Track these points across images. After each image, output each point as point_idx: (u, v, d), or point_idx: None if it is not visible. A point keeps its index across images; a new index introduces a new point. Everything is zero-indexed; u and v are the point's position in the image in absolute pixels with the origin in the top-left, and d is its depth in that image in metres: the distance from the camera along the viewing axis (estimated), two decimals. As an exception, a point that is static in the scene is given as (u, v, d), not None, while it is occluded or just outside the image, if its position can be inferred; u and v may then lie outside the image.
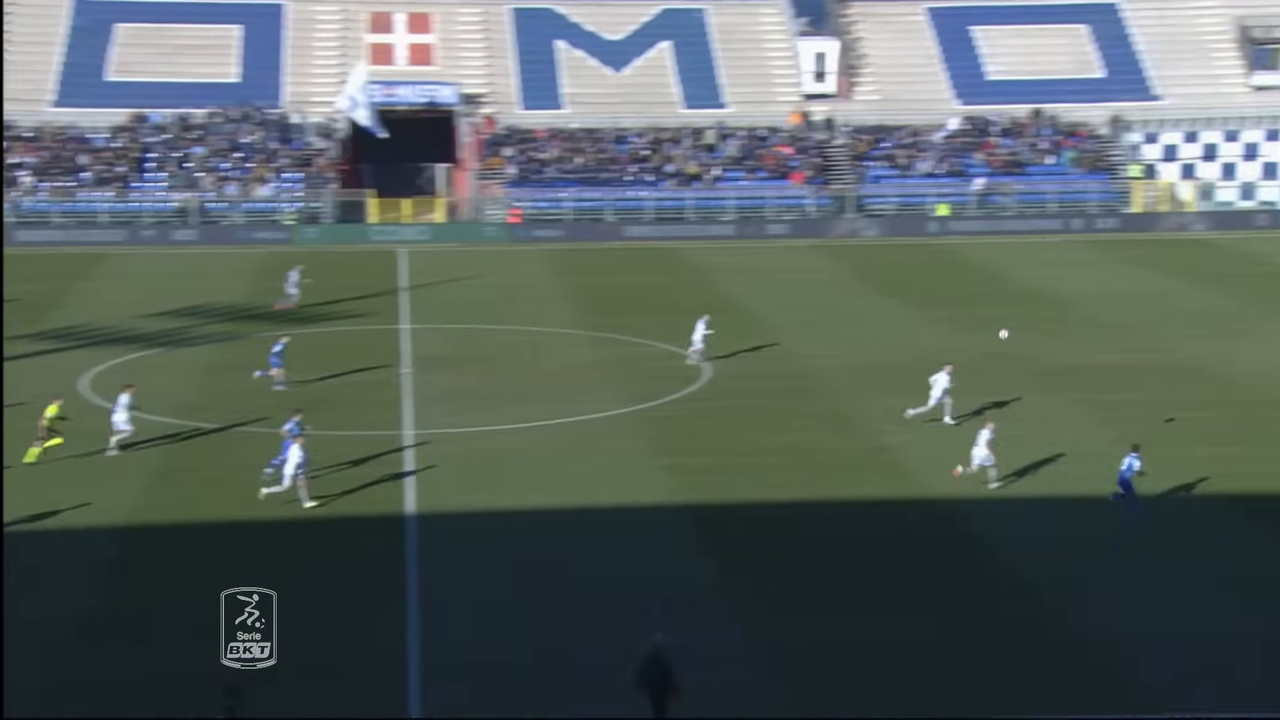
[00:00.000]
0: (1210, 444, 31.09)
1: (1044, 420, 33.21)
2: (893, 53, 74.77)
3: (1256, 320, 44.25)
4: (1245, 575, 24.11)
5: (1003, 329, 31.10)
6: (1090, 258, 57.83)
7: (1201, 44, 74.34)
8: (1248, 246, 59.50)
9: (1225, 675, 20.36)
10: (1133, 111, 71.01)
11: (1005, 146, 69.19)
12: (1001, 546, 25.47)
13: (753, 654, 21.32)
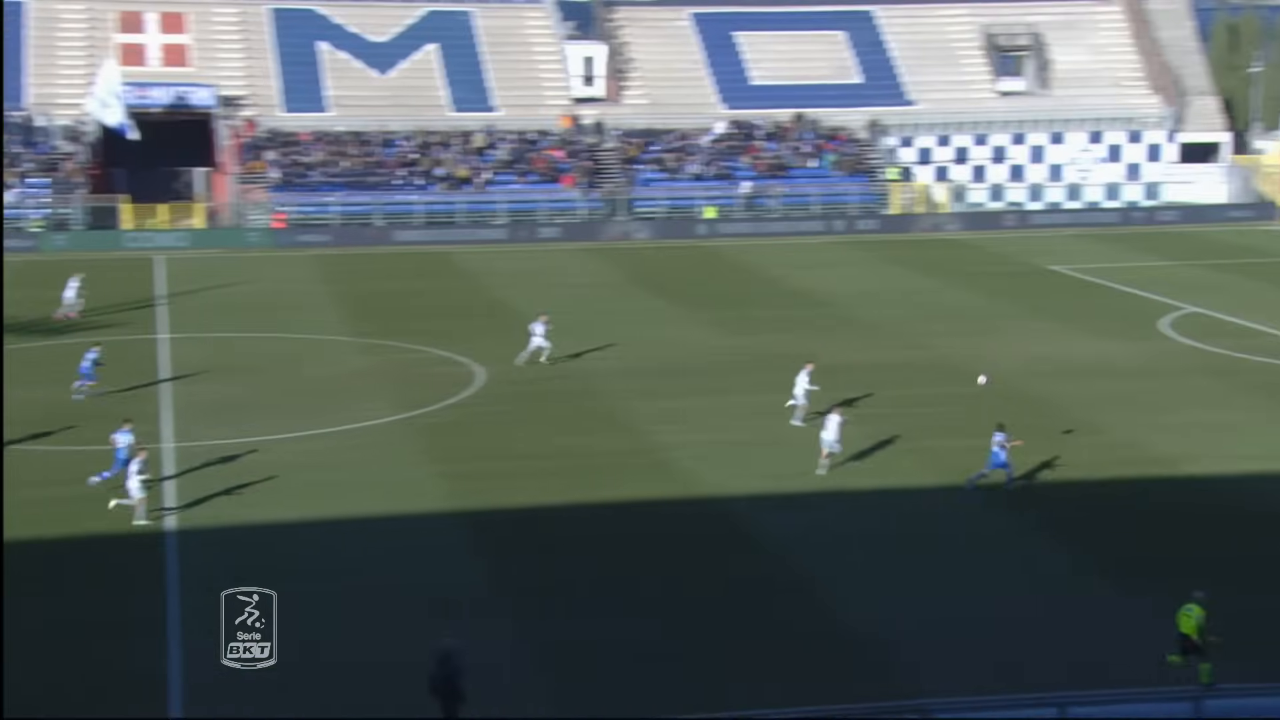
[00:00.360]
0: (968, 436, 32.33)
1: (810, 417, 34.05)
2: (660, 57, 75.81)
3: (1006, 317, 46.37)
4: (1005, 565, 25.18)
5: (981, 375, 31.99)
6: (851, 258, 59.71)
7: (951, 51, 77.63)
8: (997, 246, 62.37)
9: (989, 665, 21.19)
10: (889, 116, 73.65)
11: (770, 150, 70.89)
12: (772, 542, 26.02)
13: (526, 655, 21.26)
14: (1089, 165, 72.45)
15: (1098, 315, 46.20)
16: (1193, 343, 41.50)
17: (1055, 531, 26.39)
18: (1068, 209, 70.74)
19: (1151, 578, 24.05)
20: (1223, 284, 51.30)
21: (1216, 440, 31.53)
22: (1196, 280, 52.21)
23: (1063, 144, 72.82)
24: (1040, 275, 54.77)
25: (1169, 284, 51.15)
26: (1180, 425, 32.72)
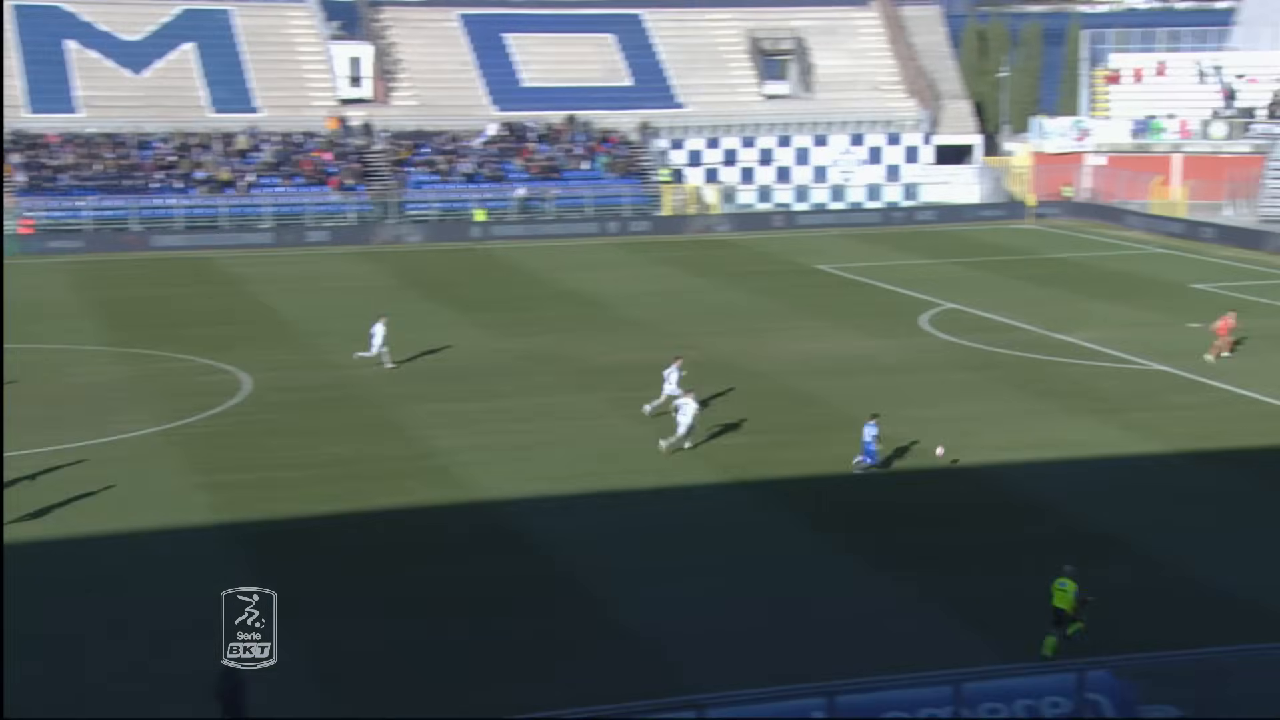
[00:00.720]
0: (743, 434, 33.04)
1: (588, 418, 34.27)
2: (428, 58, 75.12)
3: (776, 315, 47.49)
4: (780, 559, 25.75)
5: (939, 448, 32.16)
6: (625, 259, 60.28)
7: (718, 55, 79.12)
8: (766, 246, 63.84)
9: (763, 659, 21.63)
10: (659, 118, 74.64)
11: (542, 152, 70.99)
12: (550, 544, 26.04)
13: (299, 663, 20.78)
14: (851, 167, 74.85)
15: (862, 313, 47.72)
16: (950, 338, 43.24)
17: (826, 525, 27.10)
18: (832, 209, 72.90)
19: (919, 566, 24.93)
20: (977, 281, 53.62)
21: (974, 432, 32.89)
22: (953, 277, 54.44)
23: (826, 146, 75.01)
24: (807, 274, 56.28)
25: (928, 281, 53.20)
26: (940, 418, 34.00)
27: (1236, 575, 24.15)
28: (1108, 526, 26.62)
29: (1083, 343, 42.03)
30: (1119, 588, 23.66)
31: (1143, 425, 33.18)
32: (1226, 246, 60.86)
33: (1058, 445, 31.72)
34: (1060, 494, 28.66)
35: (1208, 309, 47.20)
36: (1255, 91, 74.89)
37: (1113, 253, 60.77)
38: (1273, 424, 33.22)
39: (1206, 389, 36.44)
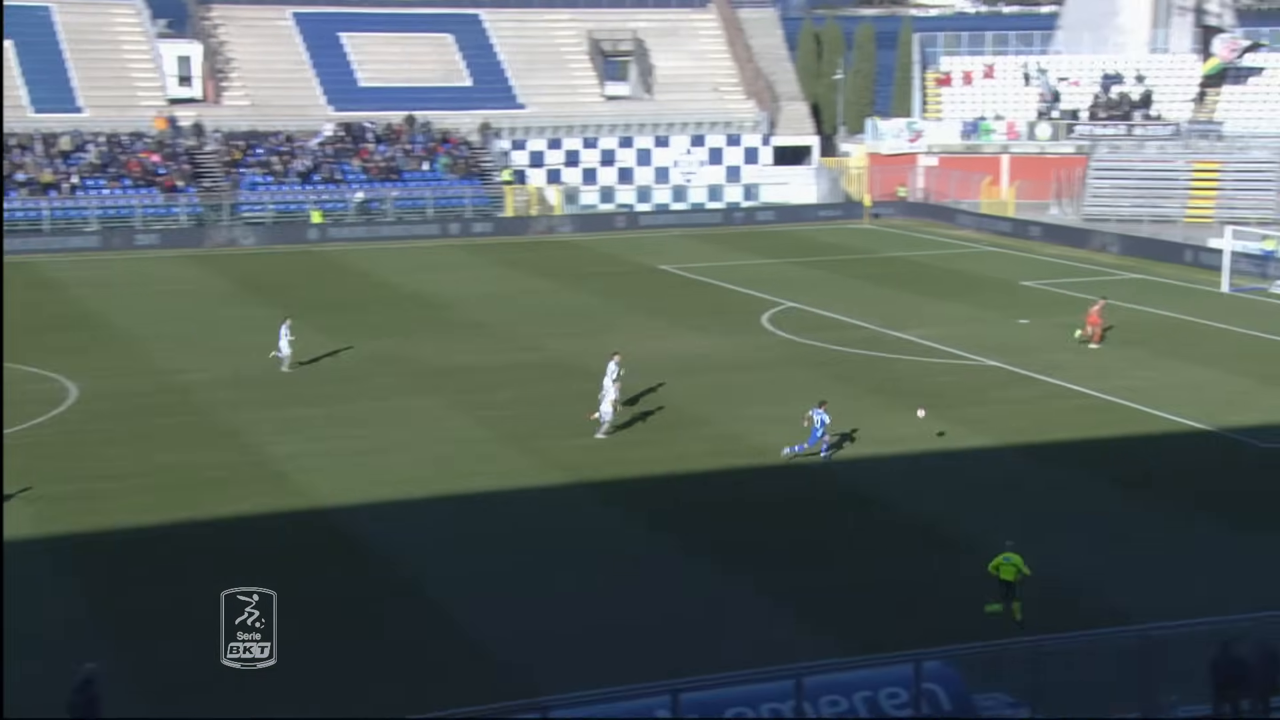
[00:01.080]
0: (583, 434, 32.99)
1: (428, 421, 33.89)
2: (261, 57, 73.56)
3: (619, 316, 47.60)
4: (620, 559, 25.75)
5: (920, 409, 32.32)
6: (467, 261, 59.83)
7: (559, 55, 79.05)
8: (609, 247, 63.97)
9: (604, 658, 21.60)
10: (500, 119, 74.24)
11: (381, 153, 70.06)
12: (389, 549, 25.65)
13: (131, 683, 20.11)
14: (692, 168, 75.43)
15: (704, 312, 48.10)
16: (791, 336, 43.83)
17: (667, 523, 27.20)
18: (675, 210, 73.36)
19: (759, 562, 25.17)
20: (816, 280, 54.48)
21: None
22: (793, 277, 55.22)
23: (667, 147, 75.44)
24: (650, 275, 56.55)
25: (769, 281, 53.86)
26: (779, 416, 34.41)
27: (1063, 565, 24.89)
28: (941, 518, 27.22)
29: (918, 339, 42.97)
30: (952, 577, 24.22)
31: (974, 419, 34.03)
32: (1053, 244, 62.85)
33: (893, 440, 32.34)
34: (896, 488, 29.23)
35: (1037, 306, 48.66)
36: (1077, 94, 77.52)
37: (946, 251, 62.32)
38: (1098, 416, 34.36)
39: (1036, 383, 37.54)
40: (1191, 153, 70.40)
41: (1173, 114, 75.22)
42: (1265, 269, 52.38)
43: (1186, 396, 35.78)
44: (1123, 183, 69.76)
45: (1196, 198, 67.91)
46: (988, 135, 76.23)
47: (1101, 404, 35.46)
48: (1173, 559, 25.18)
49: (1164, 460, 31.12)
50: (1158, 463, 30.91)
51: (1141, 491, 28.74)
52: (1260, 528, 26.56)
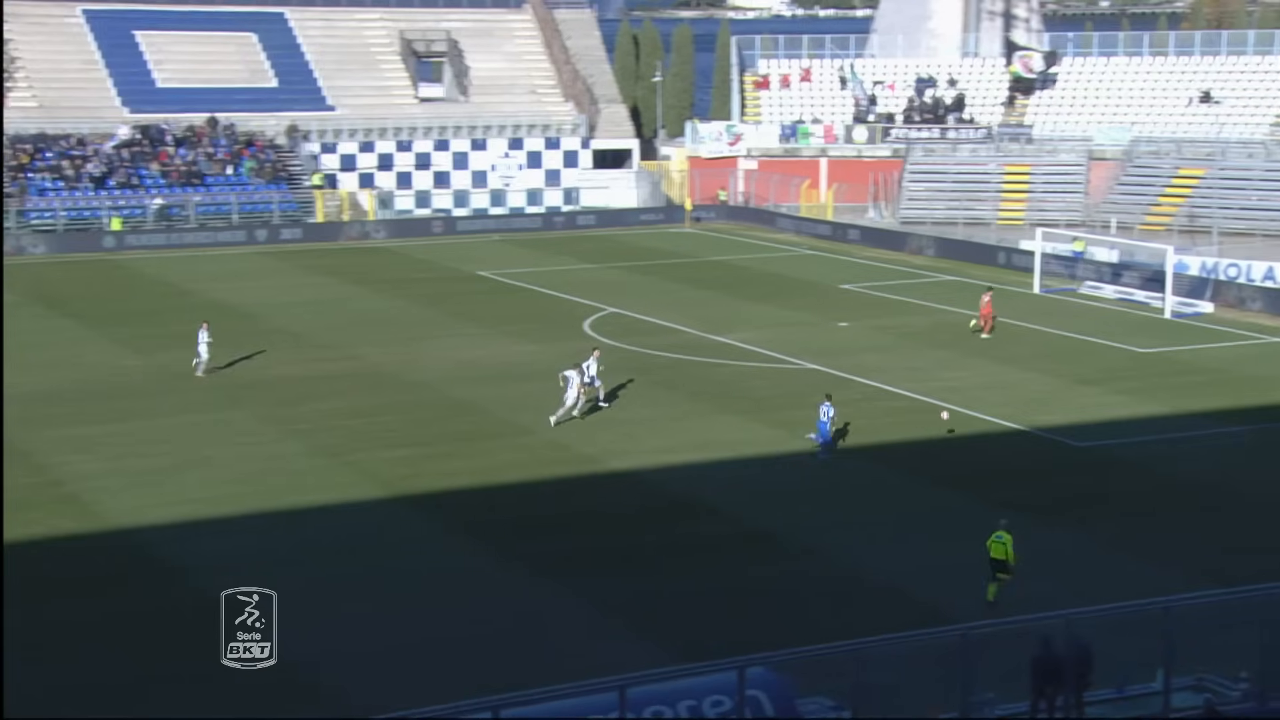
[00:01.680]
0: (400, 446, 32.64)
1: (236, 436, 33.12)
2: (48, 57, 71.04)
3: (436, 323, 47.22)
4: (437, 573, 25.52)
5: (944, 412, 33.35)
6: (276, 268, 58.68)
7: (370, 56, 78.10)
8: (425, 253, 63.42)
9: (427, 676, 21.38)
10: (309, 121, 73.01)
11: (181, 157, 68.25)
12: (196, 571, 24.95)
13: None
14: (510, 172, 75.26)
15: (524, 319, 48.02)
16: (612, 342, 44.02)
17: (487, 534, 27.06)
18: (493, 215, 73.09)
19: (582, 572, 25.20)
20: (638, 284, 54.87)
21: (635, 435, 33.59)
22: (614, 281, 55.51)
23: (485, 150, 75.15)
24: (468, 281, 56.24)
25: (590, 286, 54.04)
26: (604, 422, 34.56)
27: (883, 565, 25.52)
28: (762, 523, 27.66)
29: (739, 344, 43.60)
30: (773, 583, 24.63)
31: (794, 424, 34.65)
32: (870, 247, 64.45)
33: (714, 446, 32.74)
34: (717, 494, 29.58)
35: (856, 309, 49.81)
36: (893, 97, 79.67)
37: (766, 255, 63.39)
38: (915, 417, 35.32)
39: (854, 386, 38.43)
40: (1003, 156, 72.97)
41: (985, 117, 77.85)
42: (1074, 270, 54.55)
43: (1000, 397, 37.03)
44: (937, 185, 71.93)
45: (1008, 200, 70.40)
46: (806, 138, 77.81)
47: (918, 405, 36.46)
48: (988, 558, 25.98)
49: (979, 460, 32.13)
50: (973, 463, 31.89)
51: (957, 491, 29.62)
52: (1072, 525, 27.62)
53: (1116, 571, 24.84)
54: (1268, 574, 22.88)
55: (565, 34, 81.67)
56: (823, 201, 74.15)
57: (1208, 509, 28.62)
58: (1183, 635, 18.00)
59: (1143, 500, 29.28)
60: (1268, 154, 68.31)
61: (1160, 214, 66.08)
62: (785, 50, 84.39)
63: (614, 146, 78.05)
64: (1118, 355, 42.45)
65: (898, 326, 46.01)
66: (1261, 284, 51.01)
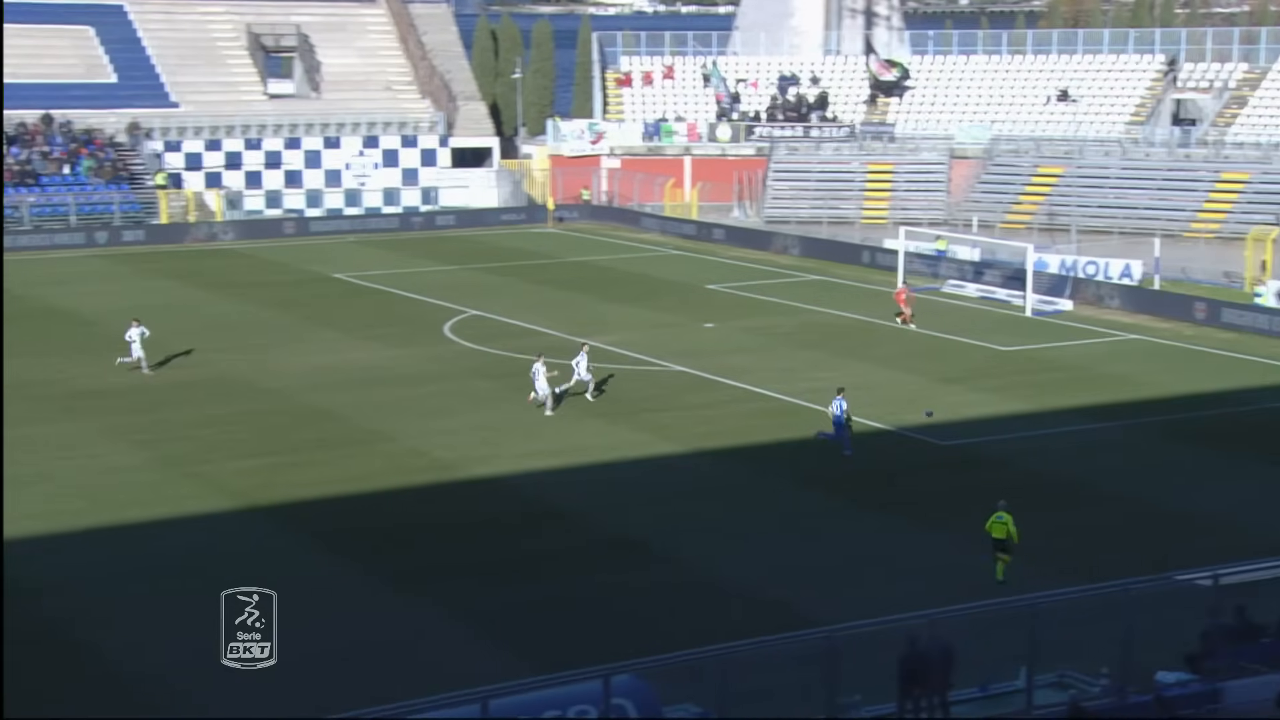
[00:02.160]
0: (252, 456, 32.11)
1: (76, 449, 32.26)
2: None
3: (288, 328, 46.53)
4: (293, 587, 25.10)
5: (926, 410, 33.91)
6: (117, 272, 57.34)
7: (215, 51, 76.68)
8: (277, 255, 62.48)
9: (281, 694, 21.06)
10: (151, 118, 71.43)
11: (14, 155, 66.29)
12: (35, 590, 24.26)
13: None
14: (365, 171, 74.46)
15: (381, 322, 47.58)
16: (474, 346, 43.84)
17: (342, 547, 26.73)
18: (349, 215, 72.28)
19: (443, 583, 25.03)
20: (500, 286, 54.69)
21: (496, 441, 33.48)
22: (475, 283, 55.26)
23: (339, 149, 74.24)
24: (322, 284, 55.54)
25: (450, 288, 53.72)
26: (464, 428, 34.39)
27: (750, 569, 25.78)
28: (629, 529, 27.76)
29: (604, 345, 43.69)
30: (639, 589, 24.73)
31: (661, 426, 34.86)
32: (736, 247, 65.07)
33: (579, 450, 32.77)
34: (582, 500, 29.62)
35: (722, 309, 50.25)
36: (756, 95, 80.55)
37: (631, 255, 63.64)
38: (782, 419, 35.75)
39: (721, 388, 38.76)
40: (866, 154, 74.26)
41: (848, 116, 79.14)
42: (937, 269, 55.70)
43: (866, 397, 37.63)
44: (802, 184, 72.92)
45: (872, 199, 71.65)
46: (670, 137, 78.31)
47: (785, 406, 36.90)
48: (855, 559, 26.42)
49: (846, 461, 32.59)
50: (840, 464, 32.36)
51: (825, 493, 30.03)
52: (937, 526, 28.19)
53: (981, 570, 25.41)
54: (1127, 570, 23.62)
55: (421, 29, 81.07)
56: (687, 200, 74.69)
57: (1069, 506, 29.42)
58: (1046, 633, 18.47)
59: (1006, 498, 29.97)
60: (1124, 152, 70.53)
61: (1021, 212, 67.83)
62: (647, 47, 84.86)
63: (473, 145, 77.72)
64: (980, 353, 43.44)
65: (765, 327, 46.53)
66: (1119, 281, 52.61)
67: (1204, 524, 27.57)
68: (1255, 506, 29.08)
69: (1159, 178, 68.16)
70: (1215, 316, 46.98)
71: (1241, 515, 28.42)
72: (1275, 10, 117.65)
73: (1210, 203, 66.08)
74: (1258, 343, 44.28)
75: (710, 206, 73.16)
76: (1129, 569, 23.77)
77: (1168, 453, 32.91)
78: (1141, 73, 76.95)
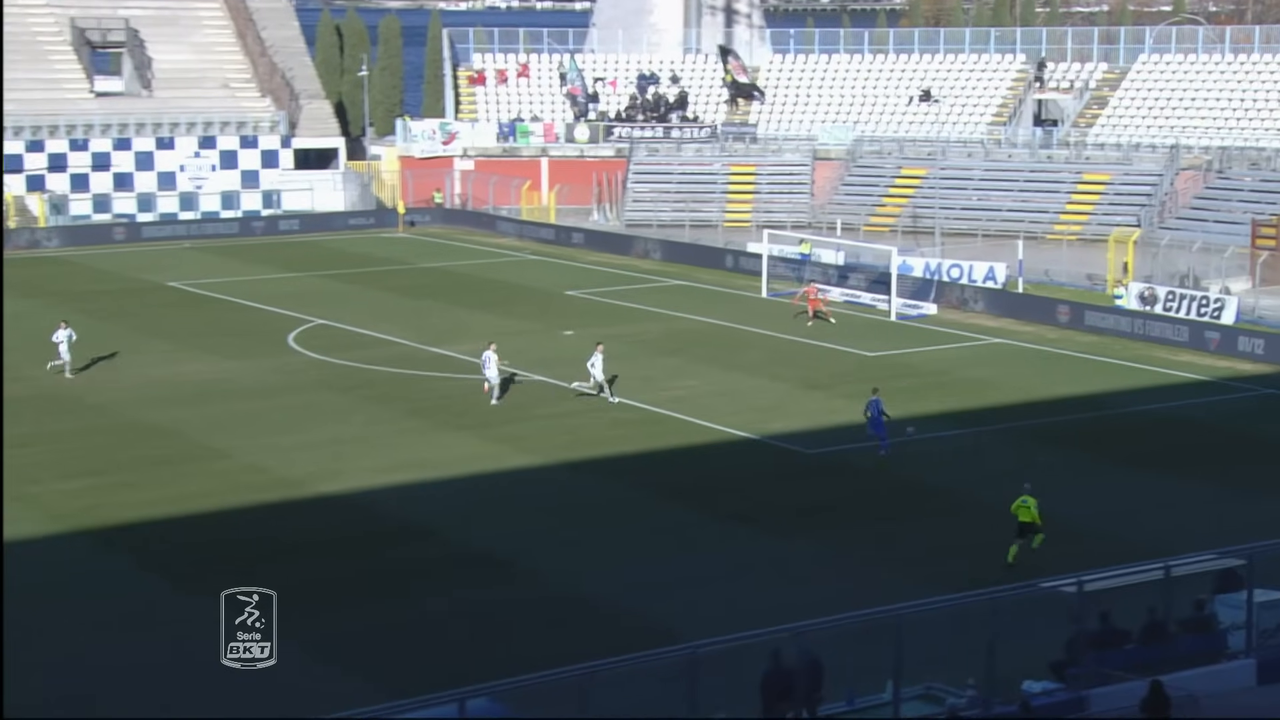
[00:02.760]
0: (79, 476, 31.35)
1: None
2: None
3: (118, 340, 45.41)
4: (126, 614, 24.55)
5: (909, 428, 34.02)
6: (-68, 282, 55.45)
7: (37, 46, 74.66)
8: (106, 263, 61.10)
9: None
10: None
11: None
12: None
13: None
14: (202, 173, 73.11)
15: (220, 333, 46.77)
16: (320, 356, 43.30)
17: (176, 570, 26.17)
18: (184, 220, 70.95)
19: (293, 605, 24.57)
20: (348, 294, 54.09)
21: (346, 456, 33.10)
22: (322, 291, 54.59)
23: (173, 150, 72.77)
24: (156, 293, 54.44)
25: (295, 296, 52.99)
26: (310, 443, 33.95)
27: (609, 584, 25.84)
28: (485, 544, 27.63)
29: (460, 355, 43.49)
30: (495, 608, 24.64)
31: (519, 438, 34.79)
32: (596, 251, 65.22)
33: (433, 464, 32.55)
34: (438, 515, 29.41)
35: (582, 316, 50.32)
36: (614, 94, 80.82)
37: (487, 260, 63.43)
38: (644, 429, 35.91)
39: (581, 397, 38.79)
40: (728, 156, 75.00)
41: (709, 116, 79.84)
42: (801, 273, 56.42)
43: (729, 405, 37.98)
44: (662, 187, 73.37)
45: (734, 202, 72.36)
46: (525, 138, 78.25)
47: (646, 416, 37.07)
48: (720, 572, 26.61)
49: (709, 471, 32.85)
50: (703, 474, 32.59)
51: (687, 505, 30.21)
52: (803, 536, 28.53)
53: (847, 580, 25.77)
54: (992, 578, 24.16)
55: (260, 24, 79.84)
56: (545, 204, 74.69)
57: (934, 513, 29.99)
58: (912, 644, 18.79)
59: (872, 506, 30.48)
60: (986, 153, 72.22)
61: (885, 214, 69.06)
62: (501, 44, 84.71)
63: (318, 145, 76.76)
64: (845, 359, 44.10)
65: (626, 334, 46.69)
66: (983, 285, 53.81)
67: (1068, 529, 28.32)
68: (1119, 511, 29.96)
69: (1021, 179, 69.93)
70: (1078, 319, 48.31)
71: (1105, 520, 29.25)
72: (1134, 10, 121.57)
73: (1072, 204, 67.98)
74: (1120, 345, 45.64)
75: (568, 210, 73.22)
76: (993, 577, 24.32)
77: (1031, 458, 33.73)
78: (1003, 73, 78.91)
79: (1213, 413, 38.27)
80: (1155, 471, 32.69)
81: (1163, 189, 65.97)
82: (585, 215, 73.55)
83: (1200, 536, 26.92)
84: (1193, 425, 36.92)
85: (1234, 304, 48.53)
